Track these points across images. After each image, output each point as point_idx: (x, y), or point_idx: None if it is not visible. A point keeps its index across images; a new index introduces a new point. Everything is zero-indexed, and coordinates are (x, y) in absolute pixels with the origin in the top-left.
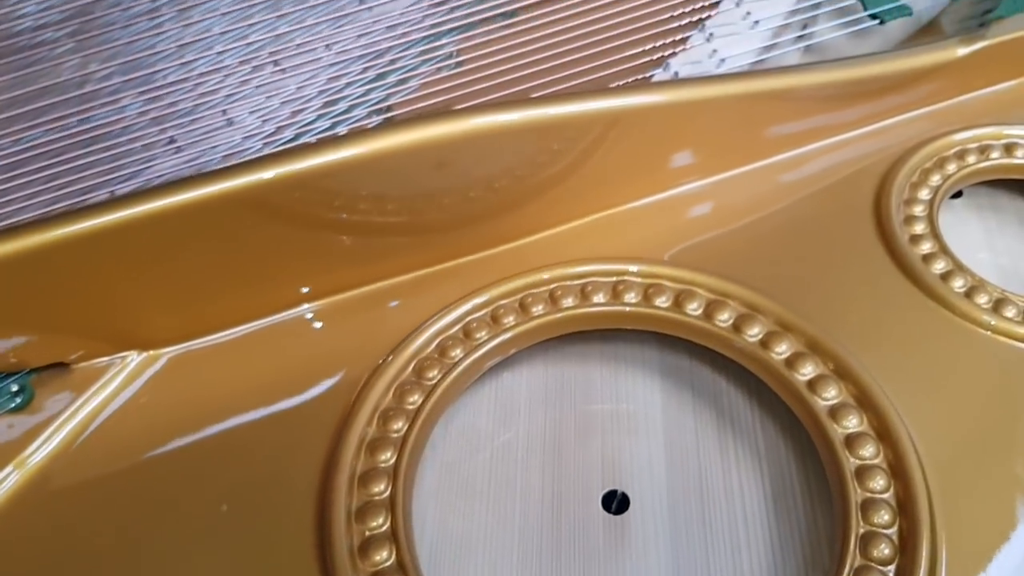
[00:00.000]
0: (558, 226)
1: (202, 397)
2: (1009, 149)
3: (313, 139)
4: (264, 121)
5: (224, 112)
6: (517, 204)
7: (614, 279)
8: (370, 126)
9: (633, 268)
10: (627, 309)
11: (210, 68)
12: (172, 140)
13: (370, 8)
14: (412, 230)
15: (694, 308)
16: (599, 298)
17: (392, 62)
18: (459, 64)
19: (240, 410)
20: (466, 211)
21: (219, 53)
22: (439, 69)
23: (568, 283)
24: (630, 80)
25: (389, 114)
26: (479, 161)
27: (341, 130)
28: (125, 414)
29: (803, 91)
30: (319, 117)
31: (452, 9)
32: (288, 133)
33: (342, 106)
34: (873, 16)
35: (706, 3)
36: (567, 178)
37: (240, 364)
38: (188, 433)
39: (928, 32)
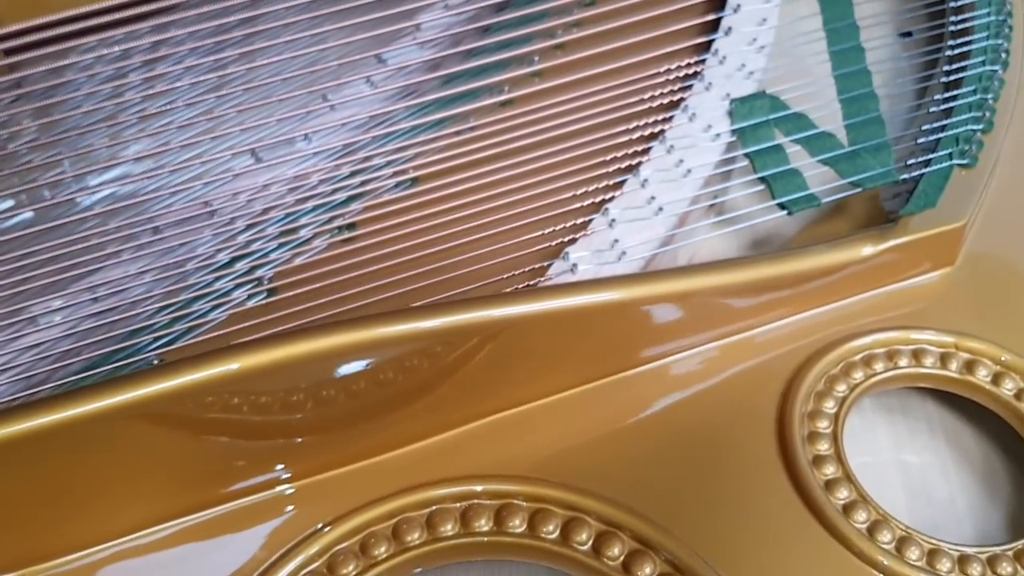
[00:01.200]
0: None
1: None
2: (917, 356)
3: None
4: None
5: None
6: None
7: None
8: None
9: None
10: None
11: None
12: None
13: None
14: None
15: (549, 530)
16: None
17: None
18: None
19: None
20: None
21: None
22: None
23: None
24: (526, 270)
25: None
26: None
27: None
28: None
29: (701, 293)
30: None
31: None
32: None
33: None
34: (781, 206)
35: (610, 183)
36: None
37: None
38: None
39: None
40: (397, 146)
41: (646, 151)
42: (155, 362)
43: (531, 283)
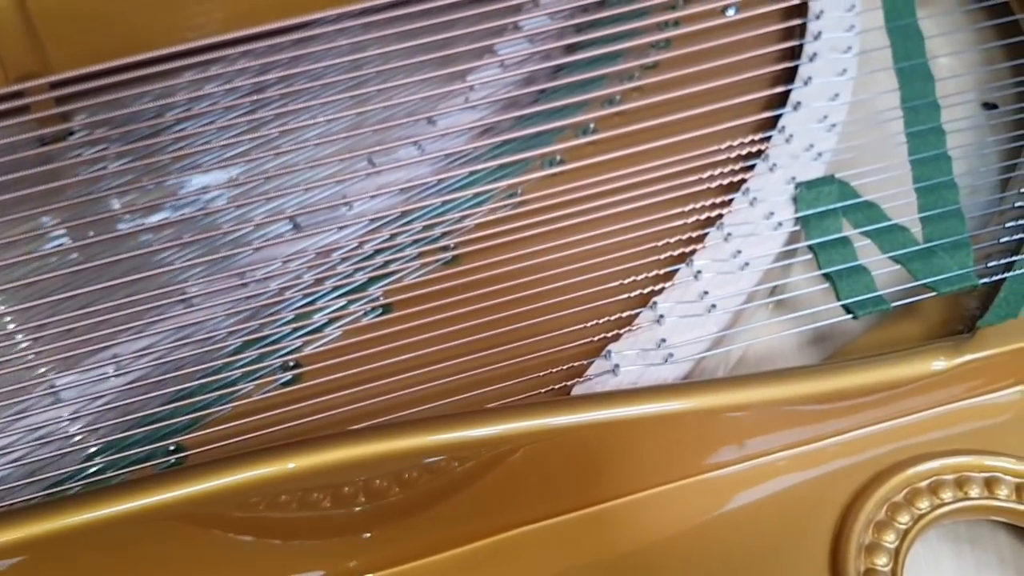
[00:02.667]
0: None
1: None
2: (991, 485)
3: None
4: None
5: None
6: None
7: None
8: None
9: None
10: None
11: None
12: None
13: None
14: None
15: None
16: None
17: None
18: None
19: None
20: None
21: None
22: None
23: None
24: (563, 368)
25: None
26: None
27: None
28: None
29: (752, 406)
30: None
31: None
32: None
33: None
34: (845, 309)
35: (660, 272)
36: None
37: None
38: None
39: None
40: (435, 220)
41: (701, 238)
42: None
43: (567, 384)
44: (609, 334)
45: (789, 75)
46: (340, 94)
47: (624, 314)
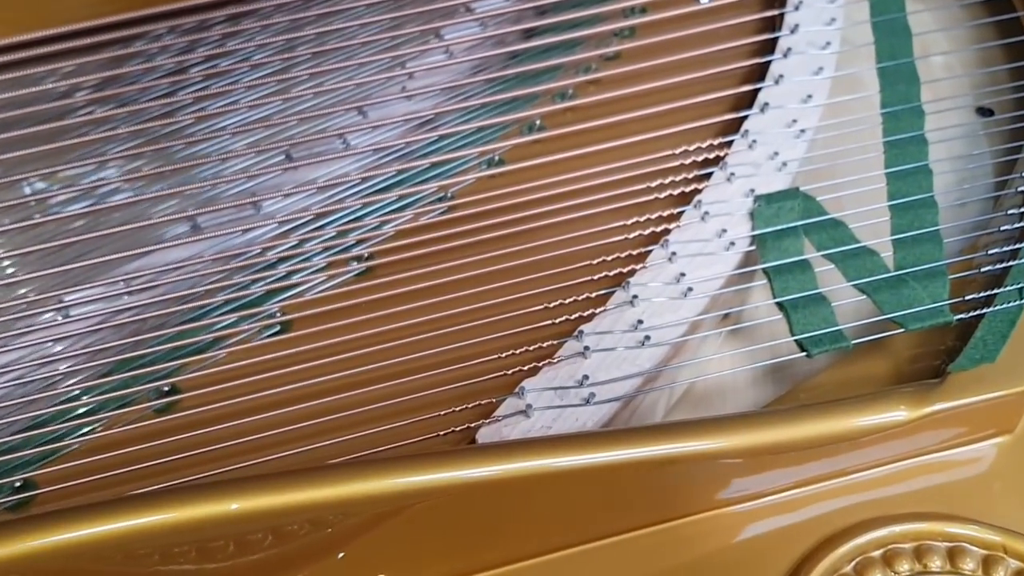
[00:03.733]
0: None
1: None
2: (954, 557)
3: None
4: None
5: None
6: None
7: None
8: None
9: None
10: None
11: None
12: None
13: None
14: None
15: None
16: None
17: None
18: None
19: None
20: None
21: None
22: None
23: None
24: (472, 406)
25: None
26: None
27: None
28: None
29: (681, 460)
30: None
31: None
32: None
33: None
34: (800, 346)
35: (591, 295)
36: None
37: None
38: None
39: None
40: (351, 224)
41: (643, 256)
42: None
43: (471, 426)
44: (526, 367)
45: (760, 72)
46: (268, 78)
47: (544, 344)
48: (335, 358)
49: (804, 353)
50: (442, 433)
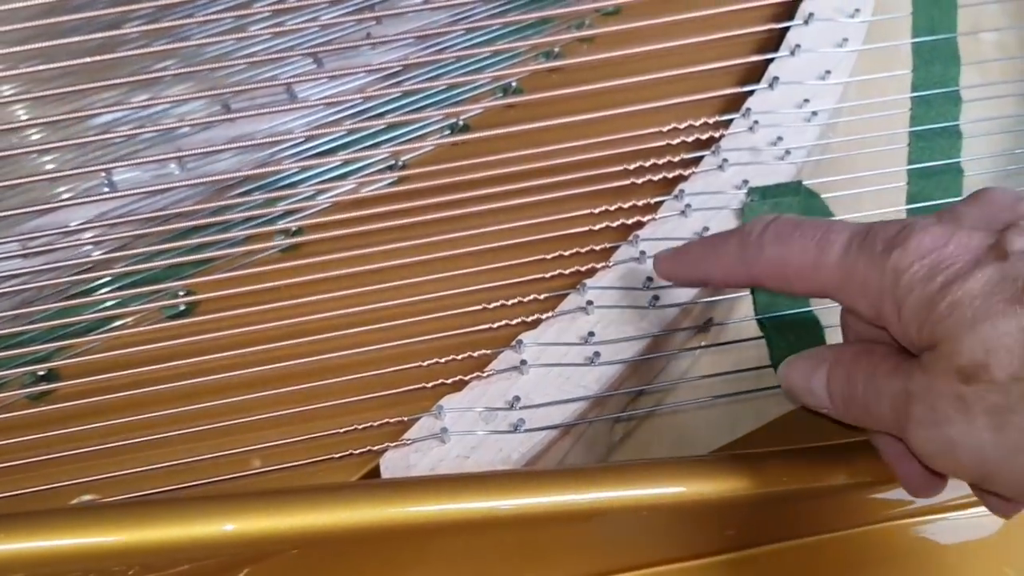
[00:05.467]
0: None
1: None
2: None
3: None
4: None
5: None
6: None
7: None
8: None
9: None
10: None
11: None
12: None
13: None
14: None
15: None
16: None
17: None
18: None
19: None
20: None
21: None
22: None
23: None
24: (378, 424)
25: None
26: None
27: None
28: None
29: (603, 513)
30: None
31: None
32: None
33: None
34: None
35: (540, 297)
36: None
37: None
38: None
39: None
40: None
41: (606, 253)
42: None
43: (372, 449)
44: (450, 380)
45: (776, 41)
46: (223, 13)
47: (476, 353)
48: (235, 352)
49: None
50: (338, 456)
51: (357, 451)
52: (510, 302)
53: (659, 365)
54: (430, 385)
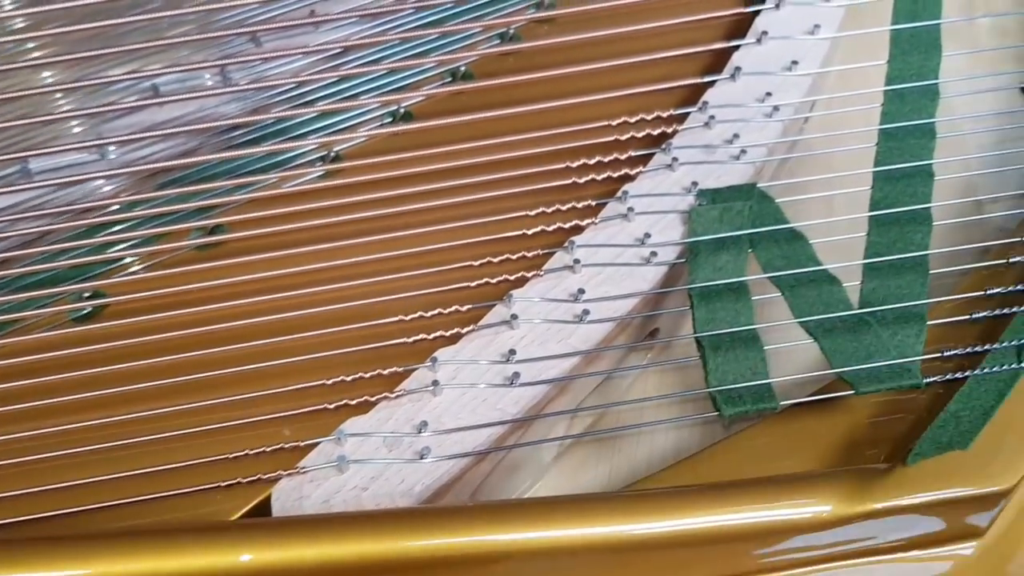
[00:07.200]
0: None
1: None
2: None
3: None
4: None
5: None
6: None
7: None
8: None
9: None
10: None
11: None
12: None
13: None
14: None
15: None
16: None
17: None
18: None
19: None
20: None
21: None
22: None
23: None
24: (271, 449)
25: None
26: None
27: None
28: None
29: (512, 557)
30: None
31: None
32: None
33: None
34: (713, 401)
35: (462, 309)
36: None
37: None
38: None
39: None
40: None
41: (538, 261)
42: None
43: (264, 477)
44: (354, 400)
45: (744, 27)
46: None
47: (386, 371)
48: (128, 364)
49: (716, 412)
50: (224, 484)
51: (245, 479)
52: (428, 314)
53: (592, 384)
54: (332, 406)
